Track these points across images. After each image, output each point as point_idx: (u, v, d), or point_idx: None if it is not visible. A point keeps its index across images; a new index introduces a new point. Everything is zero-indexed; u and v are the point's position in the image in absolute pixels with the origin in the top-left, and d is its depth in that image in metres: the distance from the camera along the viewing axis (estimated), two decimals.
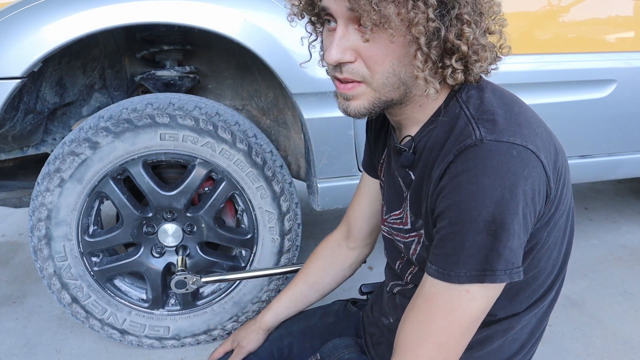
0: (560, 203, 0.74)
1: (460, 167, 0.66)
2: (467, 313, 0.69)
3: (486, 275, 0.66)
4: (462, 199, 0.65)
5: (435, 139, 0.75)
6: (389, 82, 0.71)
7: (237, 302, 1.53)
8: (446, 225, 0.68)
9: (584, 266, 2.07)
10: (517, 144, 0.66)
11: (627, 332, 1.64)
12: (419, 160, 0.78)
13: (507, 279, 0.67)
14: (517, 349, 0.86)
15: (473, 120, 0.70)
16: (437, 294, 0.69)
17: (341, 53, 0.69)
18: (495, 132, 0.67)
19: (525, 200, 0.65)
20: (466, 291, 0.67)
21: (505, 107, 0.72)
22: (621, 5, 1.72)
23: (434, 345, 0.70)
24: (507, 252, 0.66)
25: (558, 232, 0.77)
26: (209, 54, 1.70)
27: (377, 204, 1.05)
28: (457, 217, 0.66)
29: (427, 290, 0.71)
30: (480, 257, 0.66)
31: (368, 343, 1.01)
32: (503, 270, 0.66)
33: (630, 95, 1.74)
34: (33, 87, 1.46)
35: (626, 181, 3.06)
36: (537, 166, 0.67)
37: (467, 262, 0.66)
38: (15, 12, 1.24)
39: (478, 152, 0.66)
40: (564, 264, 0.83)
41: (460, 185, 0.66)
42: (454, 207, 0.66)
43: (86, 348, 1.58)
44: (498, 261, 0.66)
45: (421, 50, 0.67)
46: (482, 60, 0.70)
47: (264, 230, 1.47)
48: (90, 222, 1.43)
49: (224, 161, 1.38)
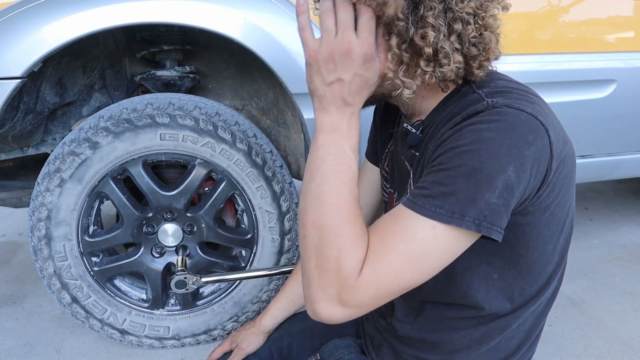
0: (560, 194, 0.73)
1: (466, 122, 0.67)
2: (428, 249, 0.66)
3: (454, 217, 0.64)
4: (459, 144, 0.66)
5: (445, 118, 0.75)
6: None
7: (237, 302, 1.53)
8: (435, 165, 0.68)
9: (584, 266, 2.07)
10: (527, 111, 0.67)
11: (627, 332, 1.64)
12: (426, 139, 0.79)
13: (475, 229, 0.65)
14: (515, 347, 0.86)
15: (485, 95, 0.71)
16: (405, 217, 0.67)
17: None
18: (508, 99, 0.68)
19: (521, 163, 0.64)
20: (432, 227, 0.65)
21: (519, 88, 0.73)
22: (621, 5, 1.72)
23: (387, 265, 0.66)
24: (482, 203, 0.64)
25: (556, 225, 0.76)
26: (209, 54, 1.70)
27: (377, 196, 1.05)
28: (448, 159, 0.66)
29: (397, 212, 0.69)
30: (453, 199, 0.64)
31: (368, 345, 1.01)
32: (472, 219, 0.64)
33: (630, 95, 1.74)
34: (33, 87, 1.46)
35: (626, 181, 3.06)
36: (543, 137, 0.67)
37: (440, 199, 0.65)
38: (15, 12, 1.24)
39: (487, 113, 0.67)
40: (560, 260, 0.82)
41: (461, 135, 0.66)
42: (448, 151, 0.67)
43: (86, 348, 1.58)
44: (470, 208, 0.64)
45: (392, 51, 0.69)
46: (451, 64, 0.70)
47: (264, 230, 1.47)
48: (90, 222, 1.43)
49: (224, 161, 1.38)
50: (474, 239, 0.68)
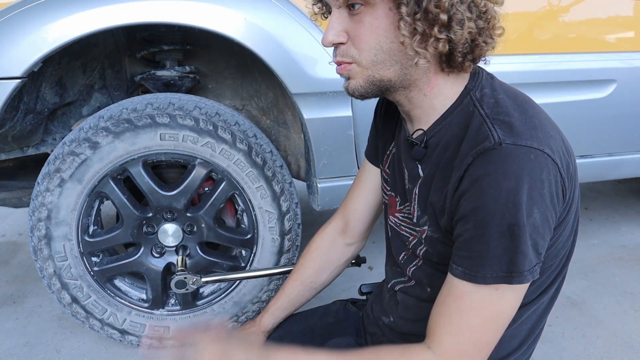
0: (572, 204, 0.75)
1: (480, 170, 0.68)
2: (499, 310, 0.71)
3: (513, 276, 0.68)
4: (485, 203, 0.67)
5: (450, 137, 0.76)
6: (377, 58, 0.73)
7: (237, 302, 1.53)
8: (470, 228, 0.69)
9: (584, 266, 2.07)
10: (534, 147, 0.68)
11: (627, 332, 1.64)
12: (431, 156, 0.79)
13: (531, 278, 0.70)
14: (517, 345, 0.86)
15: (488, 120, 0.71)
16: (467, 293, 0.71)
17: (333, 35, 0.74)
18: (513, 136, 0.68)
19: (542, 202, 0.67)
20: (495, 289, 0.69)
21: (519, 109, 0.73)
22: (621, 5, 1.72)
23: (469, 340, 0.72)
24: (530, 252, 0.68)
25: (567, 232, 0.78)
26: (209, 54, 1.70)
27: (378, 196, 1.04)
28: (480, 220, 0.68)
29: (455, 290, 0.73)
30: (505, 259, 0.68)
31: (369, 343, 1.01)
32: (528, 271, 0.69)
33: (630, 95, 1.74)
34: (33, 87, 1.46)
35: (626, 181, 3.06)
36: (553, 169, 0.68)
37: (492, 264, 0.68)
38: (15, 12, 1.24)
39: (497, 155, 0.67)
40: (567, 262, 0.84)
41: (482, 189, 0.67)
42: (477, 211, 0.68)
43: (86, 348, 1.58)
44: (523, 262, 0.68)
45: (404, 20, 0.69)
46: (464, 31, 0.70)
47: (264, 230, 1.47)
48: (90, 222, 1.43)
49: (224, 161, 1.38)
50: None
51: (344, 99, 1.41)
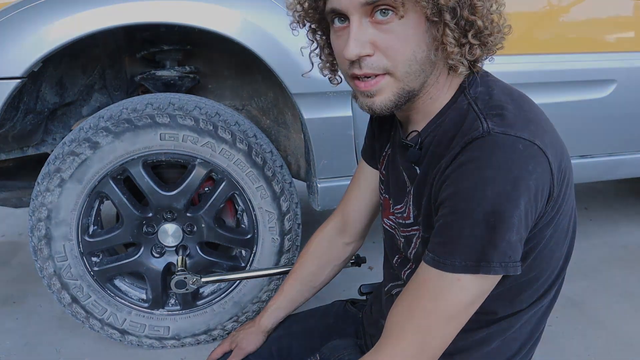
0: (563, 204, 0.74)
1: (466, 156, 0.67)
2: (455, 301, 0.69)
3: (480, 266, 0.66)
4: (464, 188, 0.66)
5: (442, 134, 0.75)
6: (411, 69, 0.71)
7: (237, 302, 1.53)
8: (447, 214, 0.68)
9: (584, 266, 2.07)
10: (524, 138, 0.66)
11: (627, 332, 1.64)
12: (425, 155, 0.78)
13: (502, 272, 0.67)
14: (517, 349, 0.85)
15: (481, 115, 0.70)
16: (429, 279, 0.70)
17: (360, 47, 0.69)
18: (504, 126, 0.67)
19: (528, 195, 0.65)
20: (457, 280, 0.67)
21: (514, 103, 0.72)
22: (621, 5, 1.72)
23: (417, 328, 0.70)
24: (504, 244, 0.65)
25: (561, 234, 0.77)
26: (209, 54, 1.70)
27: (375, 196, 1.04)
28: (457, 205, 0.66)
29: (419, 276, 0.72)
30: (476, 247, 0.66)
31: (368, 344, 1.00)
32: (498, 263, 0.66)
33: (630, 95, 1.74)
34: (33, 87, 1.46)
35: (626, 181, 3.06)
36: (542, 162, 0.67)
37: (463, 251, 0.66)
38: (16, 12, 1.24)
39: (484, 143, 0.66)
40: (565, 264, 0.83)
41: (463, 175, 0.66)
42: (455, 196, 0.67)
43: (86, 348, 1.58)
44: (494, 253, 0.66)
45: (449, 27, 0.68)
46: (493, 33, 0.71)
47: (264, 230, 1.47)
48: (90, 222, 1.43)
49: (224, 161, 1.38)
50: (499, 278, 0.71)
51: (344, 99, 1.41)
